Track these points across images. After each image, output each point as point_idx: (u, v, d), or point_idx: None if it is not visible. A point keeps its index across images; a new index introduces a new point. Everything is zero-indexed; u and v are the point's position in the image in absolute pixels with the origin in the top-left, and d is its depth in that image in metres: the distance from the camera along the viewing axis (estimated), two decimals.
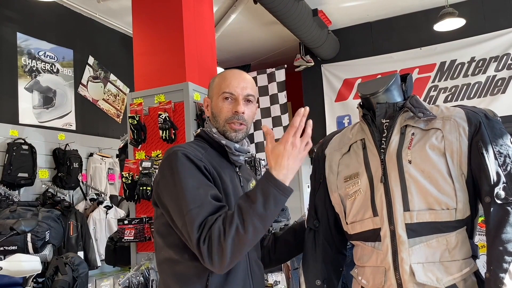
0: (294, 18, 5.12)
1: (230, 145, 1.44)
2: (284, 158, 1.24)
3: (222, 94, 1.44)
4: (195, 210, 1.22)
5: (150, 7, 3.50)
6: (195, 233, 1.20)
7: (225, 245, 1.17)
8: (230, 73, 1.49)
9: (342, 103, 6.45)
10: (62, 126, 4.94)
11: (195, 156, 1.33)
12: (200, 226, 1.20)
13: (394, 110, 1.37)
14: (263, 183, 1.23)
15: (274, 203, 1.21)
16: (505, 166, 1.25)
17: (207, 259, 1.19)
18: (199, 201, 1.23)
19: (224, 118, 1.44)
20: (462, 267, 1.27)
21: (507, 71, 5.59)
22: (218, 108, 1.45)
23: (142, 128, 3.14)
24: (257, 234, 1.22)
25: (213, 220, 1.21)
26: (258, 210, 1.20)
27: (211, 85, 1.51)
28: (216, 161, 1.41)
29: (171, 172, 1.30)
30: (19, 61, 4.60)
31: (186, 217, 1.22)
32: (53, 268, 3.10)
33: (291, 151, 1.24)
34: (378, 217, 1.32)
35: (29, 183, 4.24)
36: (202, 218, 1.21)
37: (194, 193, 1.25)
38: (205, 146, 1.44)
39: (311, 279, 1.47)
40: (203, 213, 1.22)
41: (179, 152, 1.32)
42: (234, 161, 1.48)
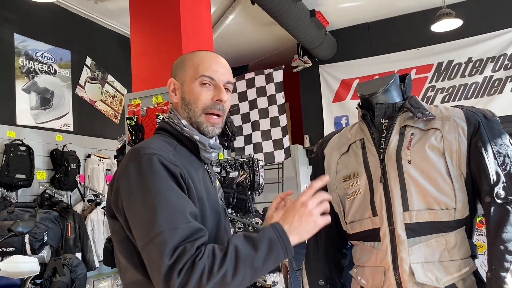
0: (292, 19, 5.13)
1: (204, 141, 1.21)
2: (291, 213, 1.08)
3: (200, 78, 1.21)
4: (168, 233, 0.99)
5: (147, 8, 3.50)
6: (166, 259, 0.97)
7: (204, 287, 0.97)
8: (207, 54, 1.27)
9: (340, 104, 6.46)
10: (59, 127, 4.93)
11: (170, 161, 1.09)
12: (175, 251, 0.98)
13: (393, 110, 1.38)
14: (273, 236, 1.04)
15: (275, 261, 1.04)
16: (504, 165, 1.25)
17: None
18: (173, 223, 1.01)
19: (201, 106, 1.21)
20: (461, 267, 1.27)
21: (504, 71, 5.61)
22: (194, 93, 1.21)
23: (140, 129, 3.14)
24: (241, 285, 1.02)
25: (195, 248, 0.99)
26: (257, 263, 1.02)
27: (181, 66, 1.27)
28: (187, 160, 1.19)
29: (139, 180, 1.06)
30: (17, 62, 4.58)
31: (156, 238, 0.99)
32: (51, 269, 3.10)
33: (300, 209, 1.07)
34: (377, 217, 1.32)
35: (27, 184, 4.22)
36: (177, 243, 0.99)
37: (168, 210, 1.02)
38: (173, 143, 1.20)
39: (314, 280, 1.47)
40: (178, 236, 0.99)
41: (154, 158, 1.08)
42: (205, 158, 1.25)
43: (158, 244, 0.99)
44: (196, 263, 0.97)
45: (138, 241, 1.04)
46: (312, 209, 1.07)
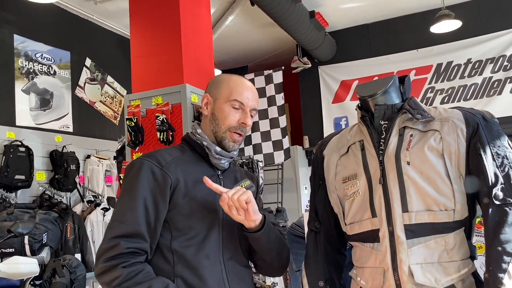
0: (291, 20, 5.13)
1: (211, 147, 1.39)
2: None
3: (233, 102, 1.39)
4: (116, 223, 1.25)
5: (147, 9, 3.50)
6: (105, 242, 1.23)
7: (110, 286, 1.20)
8: (241, 80, 1.45)
9: (339, 105, 6.46)
10: (59, 128, 4.93)
11: (158, 164, 1.31)
12: (112, 240, 1.21)
13: (392, 112, 1.38)
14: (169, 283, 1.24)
15: None
16: (503, 167, 1.25)
17: (96, 270, 1.22)
18: (124, 217, 1.25)
19: (228, 125, 1.39)
20: (461, 268, 1.27)
21: (503, 72, 5.62)
22: (224, 113, 1.40)
23: (140, 130, 3.14)
24: None
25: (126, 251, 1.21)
26: None
27: (217, 85, 1.45)
28: (193, 164, 1.38)
29: (125, 179, 1.33)
30: (16, 63, 4.59)
31: (110, 224, 1.26)
32: (51, 270, 3.09)
33: None
34: (376, 218, 1.32)
35: (26, 185, 4.22)
36: (118, 234, 1.22)
37: (127, 207, 1.26)
38: (185, 149, 1.42)
39: (314, 281, 1.47)
40: (121, 230, 1.23)
41: (142, 162, 1.32)
42: (216, 164, 1.41)
43: (108, 229, 1.25)
44: (117, 268, 1.19)
45: None
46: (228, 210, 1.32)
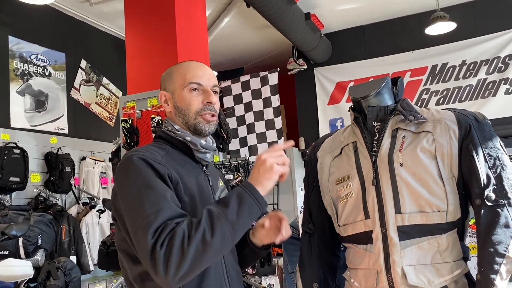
0: (287, 21, 5.14)
1: (196, 141, 1.31)
2: (254, 170, 1.18)
3: (189, 86, 1.31)
4: (153, 215, 1.08)
5: (142, 10, 3.51)
6: (149, 238, 1.05)
7: (187, 251, 1.03)
8: (191, 63, 1.38)
9: (335, 106, 6.47)
10: (54, 130, 4.91)
11: (154, 160, 1.20)
12: (157, 230, 1.06)
13: (385, 113, 1.38)
14: (240, 189, 1.15)
15: (249, 212, 1.12)
16: (495, 168, 1.26)
17: (162, 266, 1.03)
18: (157, 206, 1.10)
19: (195, 110, 1.31)
20: (453, 269, 1.28)
21: (497, 74, 5.64)
22: (186, 100, 1.31)
23: (135, 131, 3.14)
24: (224, 244, 1.09)
25: (174, 223, 1.07)
26: (231, 216, 1.09)
27: (168, 78, 1.38)
28: (179, 161, 1.28)
29: (126, 179, 1.18)
30: (11, 64, 4.57)
31: (142, 222, 1.08)
32: (45, 272, 3.09)
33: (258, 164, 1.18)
34: (370, 220, 1.33)
35: (21, 187, 4.20)
36: (160, 223, 1.07)
37: (152, 198, 1.11)
38: (166, 147, 1.31)
39: (308, 282, 1.47)
40: (162, 217, 1.08)
41: (134, 157, 1.19)
42: (200, 160, 1.34)
43: (144, 227, 1.07)
44: (175, 231, 1.05)
45: (130, 232, 1.13)
46: (268, 159, 1.17)
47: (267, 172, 1.16)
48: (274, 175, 1.16)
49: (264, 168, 1.16)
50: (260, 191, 1.15)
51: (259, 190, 1.14)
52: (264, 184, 1.16)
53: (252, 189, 1.14)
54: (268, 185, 1.16)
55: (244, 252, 1.42)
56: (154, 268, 1.04)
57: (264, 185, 1.16)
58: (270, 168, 1.16)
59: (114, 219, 1.24)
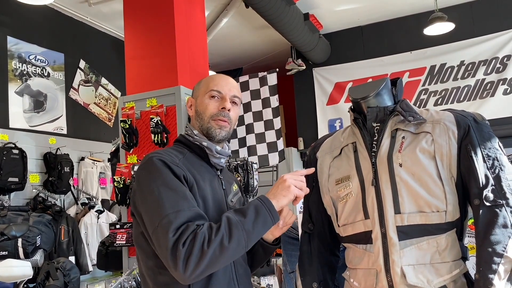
0: (286, 22, 5.14)
1: (211, 147, 1.40)
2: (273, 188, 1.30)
3: (209, 92, 1.42)
4: (173, 215, 1.17)
5: (141, 11, 3.50)
6: (170, 235, 1.14)
7: (206, 252, 1.13)
8: (218, 75, 1.50)
9: (334, 107, 6.48)
10: (53, 130, 4.91)
11: (172, 162, 1.29)
12: (179, 229, 1.15)
13: (384, 114, 1.39)
14: (258, 202, 1.25)
15: (263, 223, 1.23)
16: (493, 169, 1.27)
17: (182, 262, 1.12)
18: (177, 206, 1.19)
19: (209, 114, 1.41)
20: (452, 269, 1.28)
21: (495, 74, 5.66)
22: (204, 105, 1.42)
23: (134, 132, 3.14)
24: (238, 250, 1.20)
25: (195, 225, 1.17)
26: (247, 225, 1.20)
27: (197, 86, 1.50)
28: (195, 165, 1.37)
29: (147, 178, 1.26)
30: (10, 65, 4.56)
31: (162, 220, 1.17)
32: (44, 273, 3.08)
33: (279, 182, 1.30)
34: (369, 220, 1.33)
35: (20, 188, 4.20)
36: (181, 223, 1.17)
37: (172, 199, 1.20)
38: (184, 151, 1.40)
39: (308, 282, 1.48)
40: (182, 217, 1.17)
41: (154, 158, 1.28)
42: (215, 164, 1.43)
43: (164, 225, 1.16)
44: (197, 233, 1.15)
45: (149, 229, 1.22)
46: (288, 179, 1.30)
47: (284, 190, 1.28)
48: (289, 195, 1.28)
49: (283, 186, 1.29)
50: (275, 206, 1.26)
51: (274, 205, 1.26)
52: (279, 200, 1.28)
53: (269, 203, 1.25)
54: (283, 201, 1.28)
55: (255, 251, 1.48)
56: (174, 264, 1.14)
57: (279, 200, 1.27)
58: (288, 187, 1.28)
59: (133, 215, 1.33)
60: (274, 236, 1.47)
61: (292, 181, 1.29)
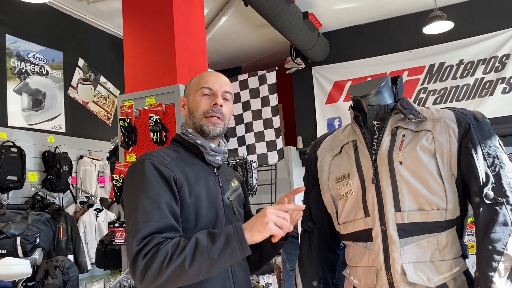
0: (285, 20, 5.14)
1: (205, 144, 1.40)
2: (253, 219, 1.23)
3: (201, 90, 1.42)
4: (142, 224, 1.19)
5: (140, 9, 3.50)
6: (135, 245, 1.17)
7: (165, 271, 1.14)
8: (208, 72, 1.50)
9: (333, 105, 6.48)
10: (51, 129, 4.90)
11: (161, 163, 1.29)
12: (144, 239, 1.17)
13: (385, 112, 1.39)
14: (231, 231, 1.20)
15: (230, 255, 1.18)
16: (493, 167, 1.27)
17: (139, 274, 1.15)
18: (148, 216, 1.20)
19: (201, 111, 1.41)
20: (452, 267, 1.29)
21: (494, 73, 5.66)
22: (196, 103, 1.42)
23: (133, 130, 3.13)
24: (198, 275, 1.17)
25: (161, 238, 1.18)
26: (213, 253, 1.16)
27: (188, 85, 1.50)
28: (190, 163, 1.38)
29: (130, 183, 1.29)
30: (8, 63, 4.55)
31: (132, 228, 1.20)
32: (43, 271, 3.08)
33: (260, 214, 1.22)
34: (369, 218, 1.33)
35: (18, 186, 4.19)
36: (147, 233, 1.18)
37: (146, 207, 1.21)
38: (179, 150, 1.41)
39: (308, 280, 1.48)
40: (150, 228, 1.19)
41: (142, 160, 1.29)
42: (211, 162, 1.43)
43: (133, 233, 1.19)
44: (160, 249, 1.15)
45: (127, 230, 1.26)
46: (269, 215, 1.21)
47: (261, 225, 1.21)
48: (265, 232, 1.21)
49: (261, 221, 1.21)
50: (247, 239, 1.20)
51: (247, 239, 1.19)
52: (254, 234, 1.21)
53: (241, 236, 1.19)
54: (257, 237, 1.21)
55: (263, 247, 1.47)
56: (133, 273, 1.18)
57: (253, 235, 1.21)
58: (266, 224, 1.20)
59: None
60: None
61: (272, 218, 1.21)
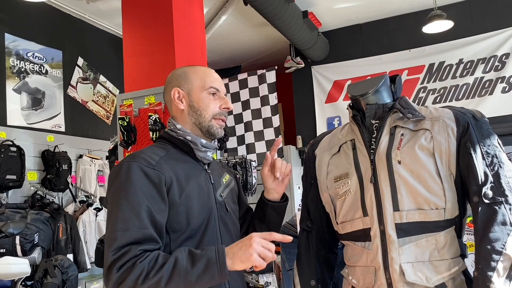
0: (285, 19, 5.13)
1: (196, 140, 1.35)
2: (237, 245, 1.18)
3: (210, 89, 1.38)
4: (120, 233, 1.14)
5: (140, 8, 3.49)
6: (110, 254, 1.12)
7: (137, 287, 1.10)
8: (207, 69, 1.45)
9: (332, 105, 6.48)
10: (51, 128, 4.90)
11: (148, 165, 1.24)
12: (120, 250, 1.12)
13: (383, 111, 1.39)
14: (213, 256, 1.15)
15: (208, 281, 1.14)
16: (492, 166, 1.26)
17: (112, 285, 1.12)
18: (127, 224, 1.15)
19: (211, 113, 1.38)
20: (451, 266, 1.28)
21: (494, 72, 5.66)
22: (205, 102, 1.37)
23: (132, 129, 3.13)
24: None
25: (139, 250, 1.13)
26: (191, 277, 1.12)
27: (185, 77, 1.41)
28: (179, 160, 1.33)
29: (114, 185, 1.23)
30: (7, 62, 4.55)
31: (110, 235, 1.16)
32: (42, 271, 3.08)
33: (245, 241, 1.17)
34: (368, 217, 1.33)
35: (18, 185, 4.19)
36: (124, 243, 1.13)
37: (126, 214, 1.16)
38: (167, 147, 1.36)
39: (306, 280, 1.48)
40: (127, 238, 1.13)
41: (131, 164, 1.23)
42: (202, 158, 1.38)
43: (110, 240, 1.15)
44: (136, 264, 1.11)
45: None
46: (254, 245, 1.15)
47: (245, 255, 1.15)
48: (247, 263, 1.16)
49: (245, 251, 1.16)
50: (229, 266, 1.15)
51: (228, 266, 1.15)
52: (236, 262, 1.16)
53: (222, 263, 1.14)
54: (239, 267, 1.16)
55: (268, 217, 1.49)
56: (106, 282, 1.14)
57: (234, 264, 1.16)
58: (250, 255, 1.15)
59: None
60: (279, 193, 1.49)
61: (258, 248, 1.15)
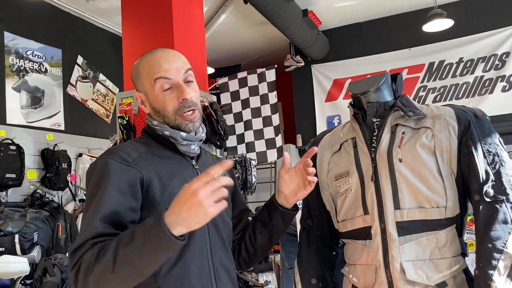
0: (284, 18, 5.13)
1: (175, 134, 1.21)
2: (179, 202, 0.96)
3: (157, 83, 1.20)
4: (81, 233, 1.08)
5: (139, 6, 3.49)
6: (71, 252, 1.07)
7: (88, 280, 1.02)
8: (152, 55, 1.25)
9: (332, 103, 6.47)
10: (50, 126, 4.89)
11: (125, 161, 1.14)
12: (76, 251, 1.06)
13: (384, 109, 1.38)
14: (150, 223, 0.99)
15: (154, 251, 0.98)
16: (493, 164, 1.26)
17: (73, 282, 1.07)
18: (87, 223, 1.08)
19: (172, 111, 1.21)
20: (452, 265, 1.28)
21: (494, 71, 5.66)
22: (160, 100, 1.21)
23: (132, 128, 3.13)
24: (129, 280, 1.02)
25: (90, 244, 1.04)
26: (133, 253, 0.98)
27: (137, 76, 1.27)
28: (162, 157, 1.21)
29: (90, 184, 1.16)
30: (7, 60, 4.54)
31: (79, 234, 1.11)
32: (42, 269, 3.07)
33: (190, 200, 0.95)
34: (368, 215, 1.33)
35: (17, 184, 4.19)
36: (79, 244, 1.06)
37: (91, 215, 1.09)
38: (149, 142, 1.24)
39: (307, 278, 1.47)
40: (85, 235, 1.06)
41: (107, 161, 1.14)
42: (186, 153, 1.25)
43: (77, 239, 1.10)
44: (85, 255, 1.04)
45: None
46: (203, 200, 0.94)
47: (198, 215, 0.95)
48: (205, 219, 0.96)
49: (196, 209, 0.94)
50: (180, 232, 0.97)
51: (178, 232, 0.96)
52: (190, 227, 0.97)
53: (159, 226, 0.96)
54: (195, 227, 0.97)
55: (273, 223, 1.32)
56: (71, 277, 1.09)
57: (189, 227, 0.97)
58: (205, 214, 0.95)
59: None
60: (290, 204, 1.30)
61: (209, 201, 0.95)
